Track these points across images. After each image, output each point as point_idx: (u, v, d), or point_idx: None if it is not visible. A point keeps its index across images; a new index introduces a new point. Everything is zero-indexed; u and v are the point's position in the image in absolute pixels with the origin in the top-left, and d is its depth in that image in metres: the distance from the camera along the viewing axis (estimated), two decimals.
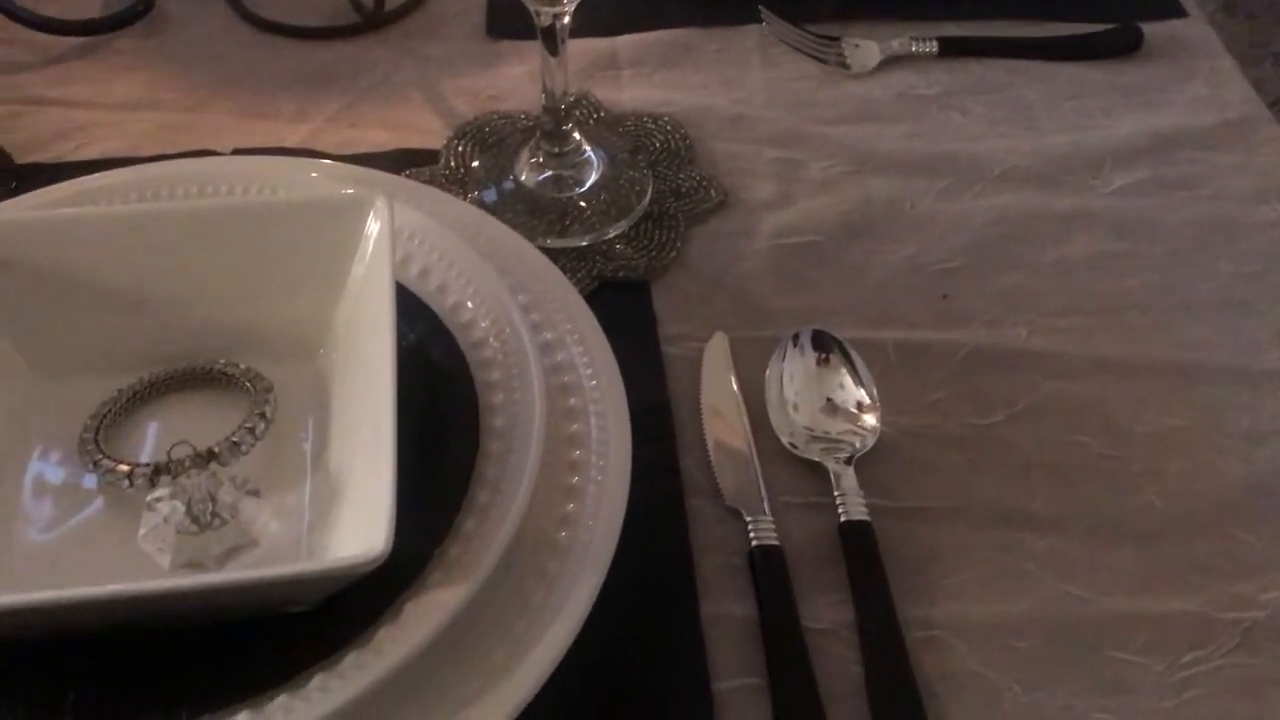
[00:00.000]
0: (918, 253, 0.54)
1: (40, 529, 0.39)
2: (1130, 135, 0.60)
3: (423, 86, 0.63)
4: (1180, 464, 0.46)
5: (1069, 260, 0.54)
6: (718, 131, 0.60)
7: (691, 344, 0.50)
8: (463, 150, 0.59)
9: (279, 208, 0.43)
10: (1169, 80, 0.63)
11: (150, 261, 0.42)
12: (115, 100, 0.61)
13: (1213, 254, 0.54)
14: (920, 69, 0.64)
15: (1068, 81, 0.63)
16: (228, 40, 0.65)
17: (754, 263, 0.54)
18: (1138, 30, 0.64)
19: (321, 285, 0.43)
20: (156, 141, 0.59)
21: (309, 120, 0.61)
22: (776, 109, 0.62)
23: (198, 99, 0.62)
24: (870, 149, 0.59)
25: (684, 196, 0.57)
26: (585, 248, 0.54)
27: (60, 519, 0.39)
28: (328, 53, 0.65)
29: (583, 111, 0.61)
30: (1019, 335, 0.51)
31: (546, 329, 0.46)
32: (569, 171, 0.56)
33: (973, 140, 0.60)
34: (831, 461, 0.45)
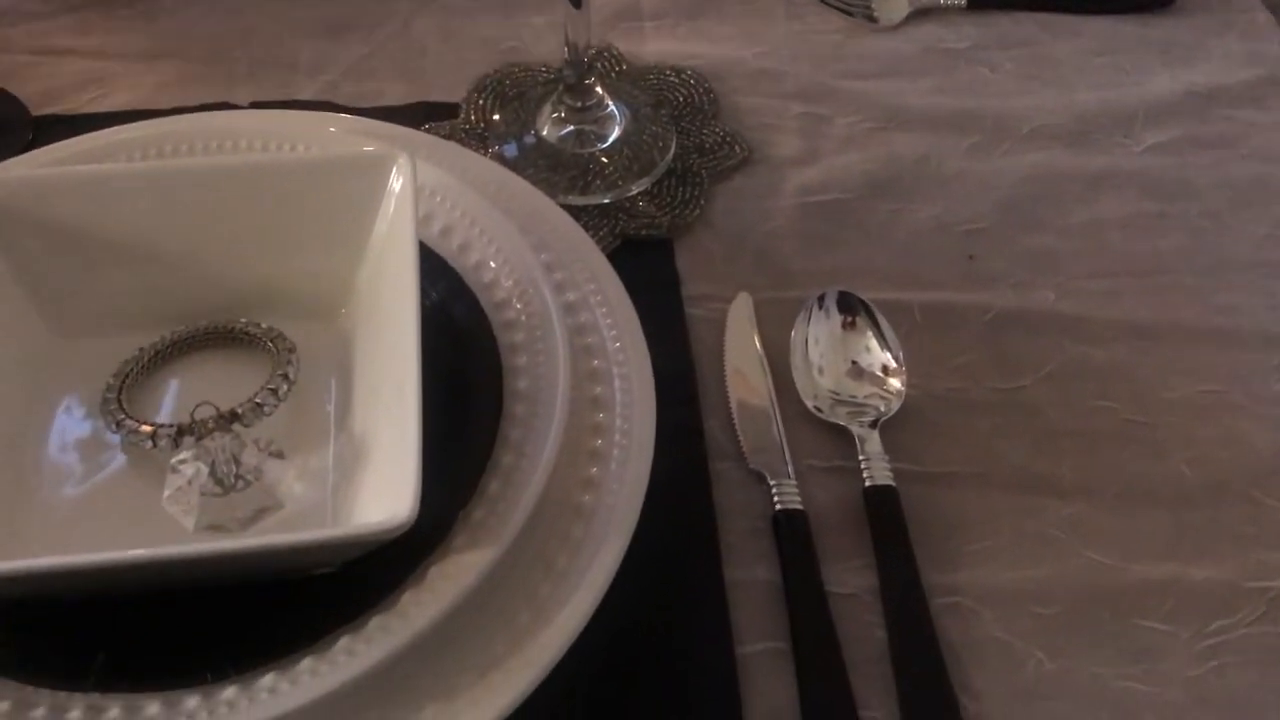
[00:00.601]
0: (944, 212, 0.54)
1: (64, 489, 0.39)
2: (1163, 92, 0.59)
3: (442, 37, 0.62)
4: (1209, 430, 0.46)
5: (1099, 221, 0.53)
6: (742, 86, 0.59)
7: (715, 304, 0.50)
8: (483, 104, 0.58)
9: (300, 165, 0.43)
10: (1203, 35, 0.62)
11: (171, 219, 0.42)
12: (132, 50, 0.61)
13: (1246, 215, 0.53)
14: (949, 22, 0.62)
15: (1099, 36, 0.62)
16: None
17: (779, 221, 0.53)
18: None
19: (343, 243, 0.43)
20: (173, 93, 0.58)
21: (327, 72, 0.60)
22: (802, 63, 0.61)
23: (215, 49, 0.61)
24: (897, 105, 0.58)
25: (708, 153, 0.56)
26: (608, 205, 0.53)
27: (84, 478, 0.39)
28: (346, 2, 0.64)
29: (605, 64, 0.60)
30: (1047, 298, 0.50)
31: (570, 289, 0.46)
32: (591, 126, 0.56)
33: (1001, 97, 0.59)
34: (856, 425, 0.44)
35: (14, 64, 0.60)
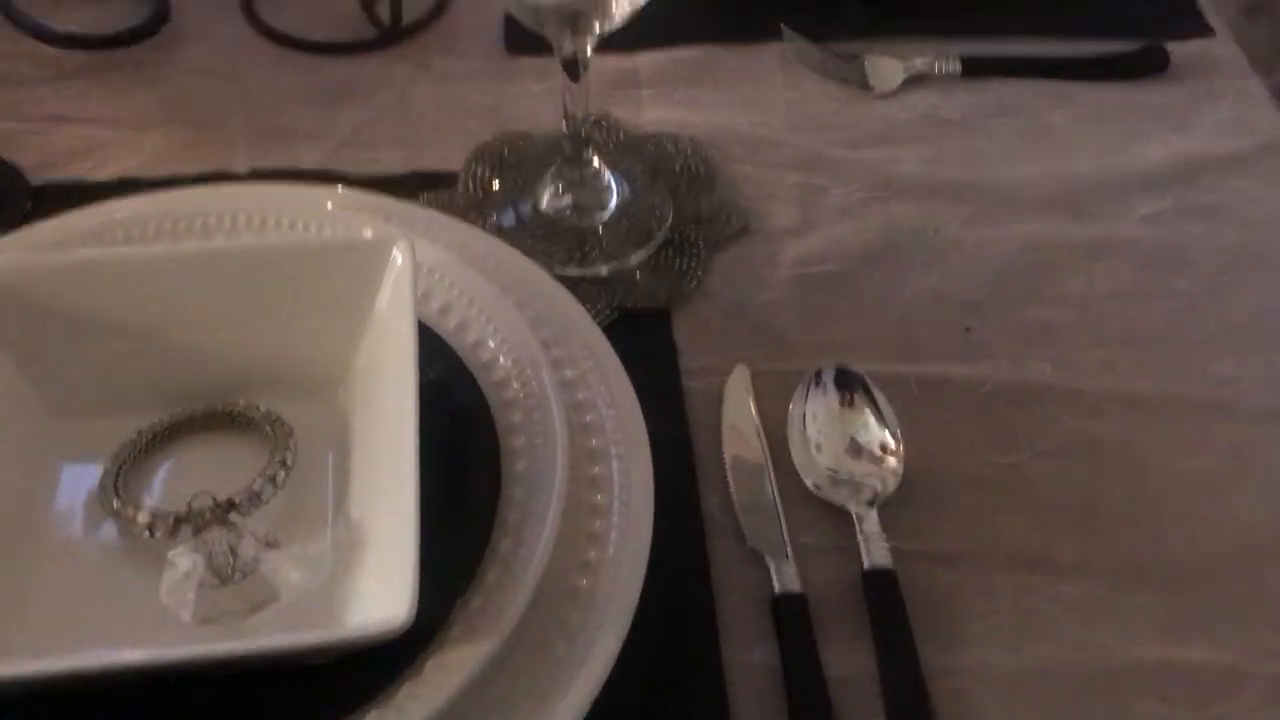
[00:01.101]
0: (941, 283, 0.54)
1: (60, 576, 0.38)
2: (1156, 160, 0.59)
3: (441, 104, 0.62)
4: (1208, 507, 0.46)
5: (1094, 292, 0.53)
6: (739, 154, 0.60)
7: (713, 377, 0.50)
8: (481, 173, 0.58)
9: (299, 249, 0.43)
10: (1195, 102, 0.62)
11: (169, 303, 0.42)
12: (131, 116, 0.61)
13: (1241, 285, 0.54)
14: (943, 89, 0.63)
15: (1093, 103, 0.62)
16: (244, 55, 0.65)
17: (776, 292, 0.53)
18: (1164, 52, 0.63)
19: (343, 325, 0.43)
20: (172, 160, 0.59)
21: (326, 139, 0.60)
22: (798, 131, 0.61)
23: (214, 115, 0.61)
24: (893, 174, 0.58)
25: (705, 223, 0.56)
26: (605, 276, 0.53)
27: (80, 566, 0.39)
28: (345, 68, 0.64)
29: (603, 133, 0.60)
30: (1044, 370, 0.50)
31: (568, 366, 0.46)
32: (589, 197, 0.56)
33: (997, 165, 0.59)
34: (854, 504, 0.44)
35: (13, 131, 0.60)
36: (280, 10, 0.67)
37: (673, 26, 0.65)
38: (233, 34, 0.66)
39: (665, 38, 0.65)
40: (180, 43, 0.65)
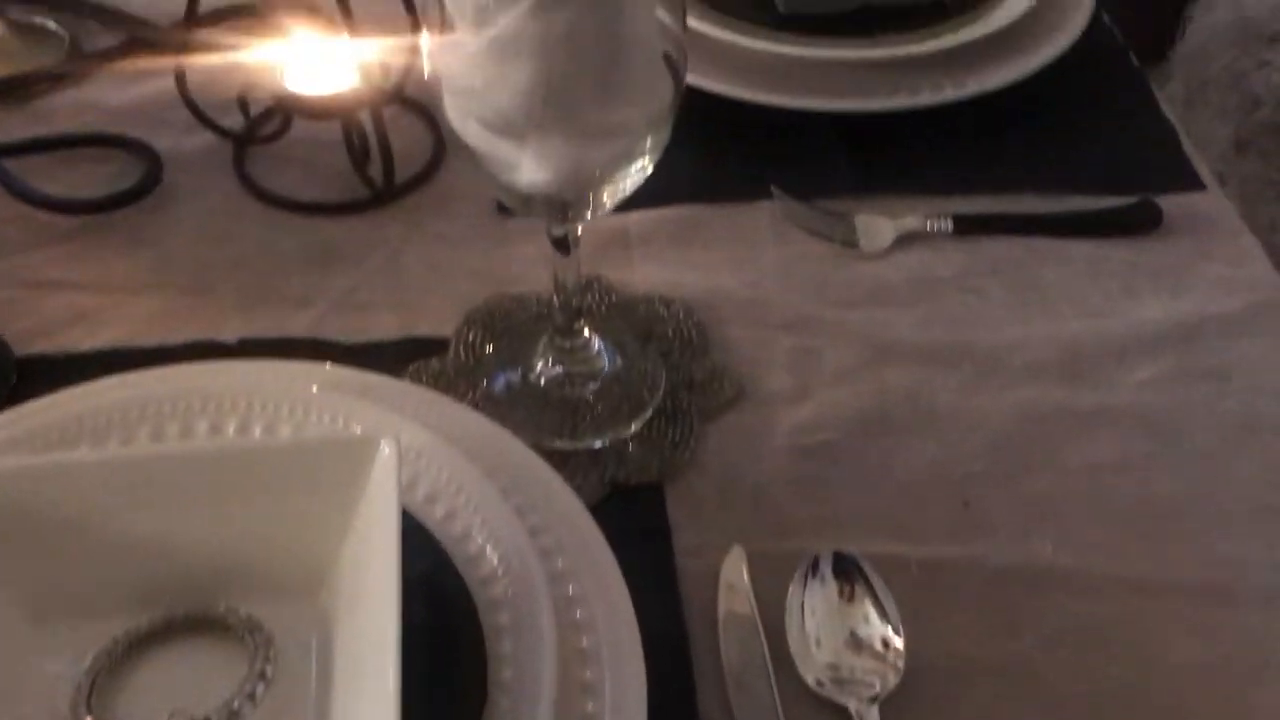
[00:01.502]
0: (938, 454, 0.53)
1: None
2: (1153, 321, 0.59)
3: (432, 266, 0.62)
4: (1214, 699, 0.44)
5: (1095, 463, 0.52)
6: (731, 316, 0.59)
7: (708, 556, 0.49)
8: (473, 339, 0.57)
9: (284, 449, 0.42)
10: (1190, 259, 0.62)
11: (151, 505, 0.41)
12: (119, 282, 0.61)
13: (1242, 456, 0.53)
14: (936, 248, 0.63)
15: (1086, 260, 0.62)
16: (235, 215, 0.65)
17: (771, 464, 0.53)
18: (1156, 208, 0.63)
19: (327, 525, 0.42)
20: (161, 327, 0.58)
21: (315, 304, 0.60)
22: (790, 291, 0.61)
23: (203, 280, 0.61)
24: (887, 337, 0.58)
25: (697, 390, 0.55)
26: (598, 449, 0.53)
27: None
28: (336, 229, 0.64)
29: (594, 296, 0.60)
30: (1045, 551, 0.49)
31: (557, 554, 0.45)
32: (580, 366, 0.55)
33: (991, 327, 0.59)
34: (855, 702, 0.43)
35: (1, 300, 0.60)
36: (272, 169, 0.67)
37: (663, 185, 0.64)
38: (224, 193, 0.66)
39: (656, 197, 0.64)
40: (172, 202, 0.65)
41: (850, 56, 0.68)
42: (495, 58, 0.40)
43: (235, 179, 0.66)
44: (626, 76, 0.42)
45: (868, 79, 0.67)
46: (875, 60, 0.68)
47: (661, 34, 0.43)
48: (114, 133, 0.67)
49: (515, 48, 0.40)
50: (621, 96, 0.42)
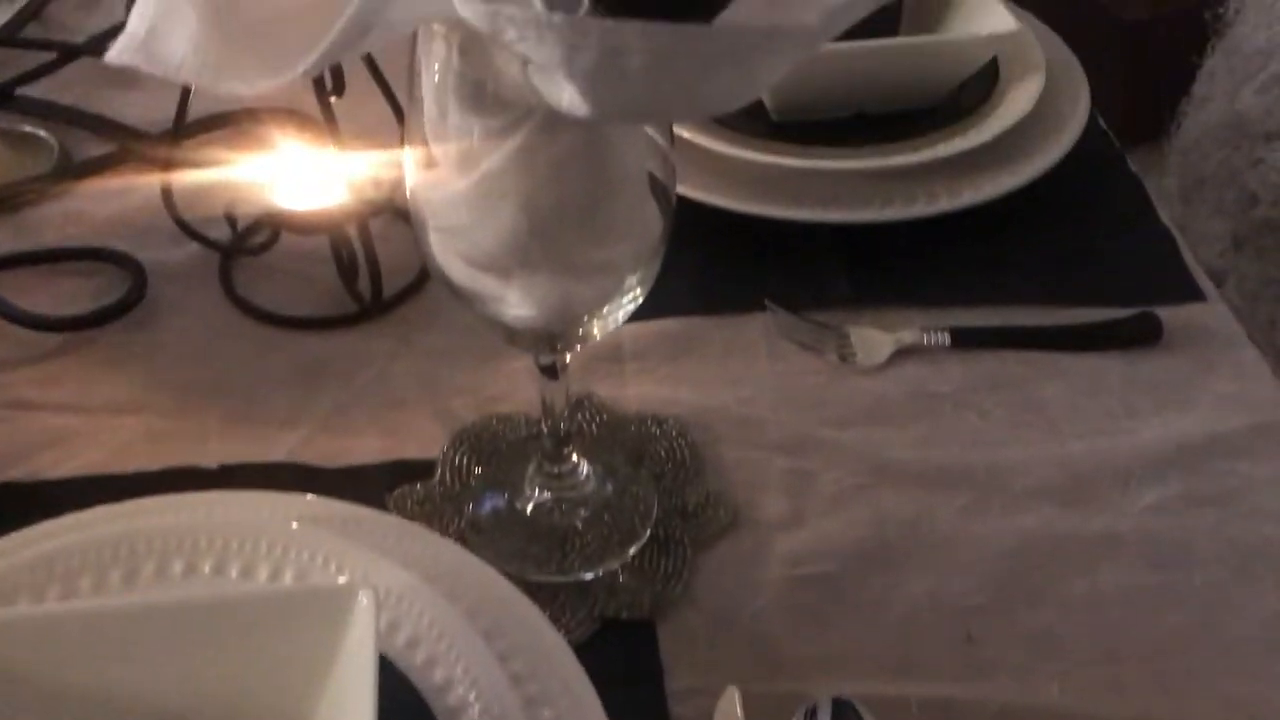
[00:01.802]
0: (939, 585, 0.51)
1: None
2: (1156, 441, 0.57)
3: (420, 383, 0.61)
4: None
5: (1100, 594, 0.51)
6: (725, 435, 0.58)
7: (701, 699, 0.47)
8: (459, 462, 0.56)
9: (259, 600, 0.41)
10: (1192, 374, 0.61)
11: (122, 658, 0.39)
12: (100, 403, 0.59)
13: (1252, 586, 0.51)
14: (933, 362, 0.62)
15: (1086, 376, 0.61)
16: (220, 331, 0.64)
17: (766, 597, 0.51)
18: (1156, 320, 0.62)
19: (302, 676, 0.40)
20: (140, 452, 0.57)
21: (300, 425, 0.58)
22: (785, 409, 0.59)
23: (186, 401, 0.60)
24: (884, 458, 0.57)
25: (690, 517, 0.54)
26: (587, 580, 0.51)
27: None
28: (323, 344, 0.63)
29: (585, 415, 0.58)
30: (1050, 691, 0.47)
31: (543, 704, 0.43)
32: (570, 493, 0.54)
33: (991, 447, 0.57)
34: None
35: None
36: (259, 282, 0.66)
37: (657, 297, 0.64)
38: (210, 308, 0.65)
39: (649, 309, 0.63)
40: (156, 317, 0.64)
41: (844, 166, 0.67)
42: (480, 197, 0.39)
43: (221, 292, 0.65)
44: (615, 214, 0.41)
45: (862, 189, 0.67)
46: (869, 170, 0.67)
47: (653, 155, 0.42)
48: (99, 246, 0.67)
49: (500, 187, 0.39)
50: (610, 234, 0.41)
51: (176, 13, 0.34)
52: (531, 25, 0.31)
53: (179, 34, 0.34)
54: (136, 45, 0.34)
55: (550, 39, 0.31)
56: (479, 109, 0.38)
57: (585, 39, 0.31)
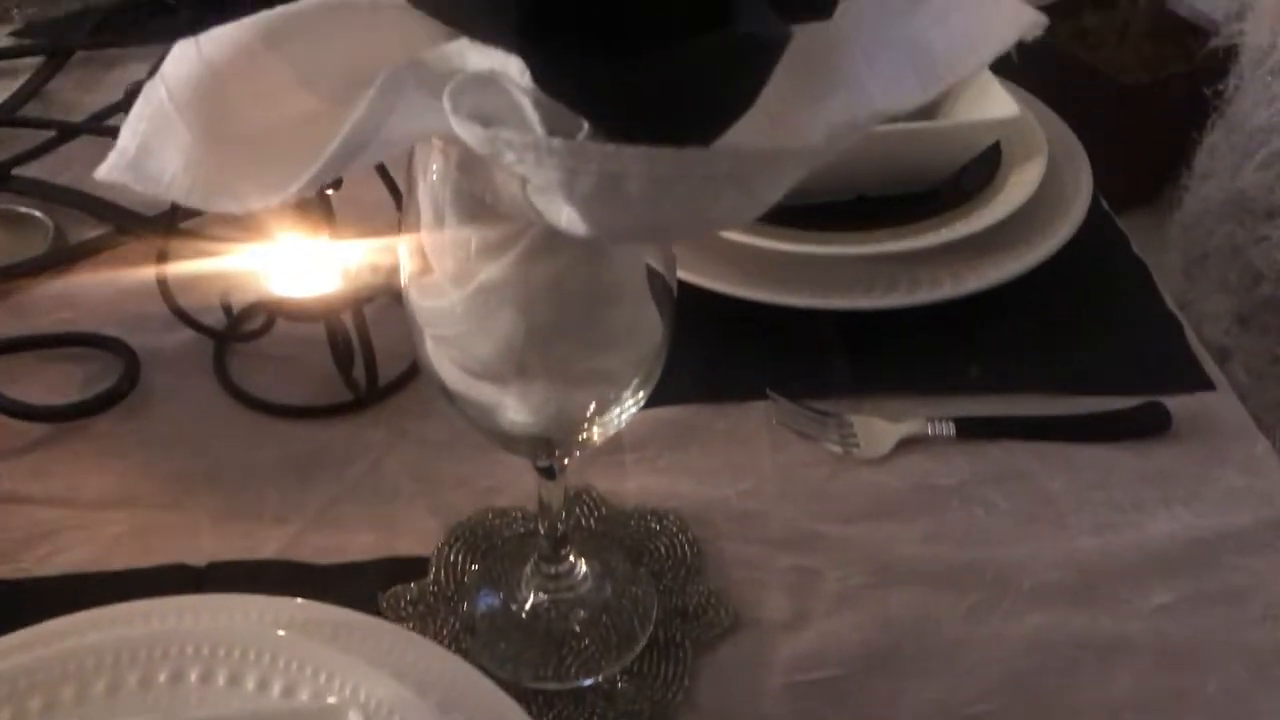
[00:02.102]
0: (947, 692, 0.50)
1: None
2: (1166, 537, 0.56)
3: (415, 474, 0.60)
4: None
5: (1113, 701, 0.49)
6: (727, 530, 0.57)
7: None
8: (454, 560, 0.55)
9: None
10: (1201, 467, 0.60)
11: None
12: (89, 496, 0.58)
13: (1272, 691, 0.50)
14: (938, 453, 0.61)
15: (1094, 468, 0.60)
16: (213, 420, 0.63)
17: (769, 704, 0.49)
18: (1165, 411, 0.61)
19: None
20: (129, 548, 0.55)
21: (292, 520, 0.57)
22: (788, 502, 0.58)
23: (177, 494, 0.58)
24: (890, 555, 0.55)
25: (691, 618, 0.52)
26: (585, 687, 0.50)
27: None
28: (317, 434, 0.62)
29: (583, 510, 0.57)
30: None
31: None
32: (567, 594, 0.52)
33: (999, 543, 0.56)
34: None
35: None
36: (254, 368, 0.65)
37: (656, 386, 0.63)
38: (204, 396, 0.64)
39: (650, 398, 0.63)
40: (148, 406, 0.63)
41: (845, 252, 0.66)
42: (476, 307, 0.38)
43: (215, 379, 0.65)
44: (615, 322, 0.40)
45: (863, 275, 0.66)
46: (871, 255, 0.67)
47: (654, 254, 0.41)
48: (92, 332, 0.66)
49: (498, 298, 0.38)
50: (610, 342, 0.40)
51: (169, 129, 0.33)
52: (530, 149, 0.30)
53: (171, 151, 0.33)
54: (126, 163, 0.34)
55: (549, 163, 0.31)
56: (476, 221, 0.37)
57: (585, 163, 0.30)
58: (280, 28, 0.35)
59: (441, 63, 0.36)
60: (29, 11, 0.94)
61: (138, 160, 0.34)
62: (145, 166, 0.34)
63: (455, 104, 0.32)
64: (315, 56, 0.35)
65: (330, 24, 0.36)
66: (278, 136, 0.35)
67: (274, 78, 0.35)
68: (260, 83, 0.35)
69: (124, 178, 0.34)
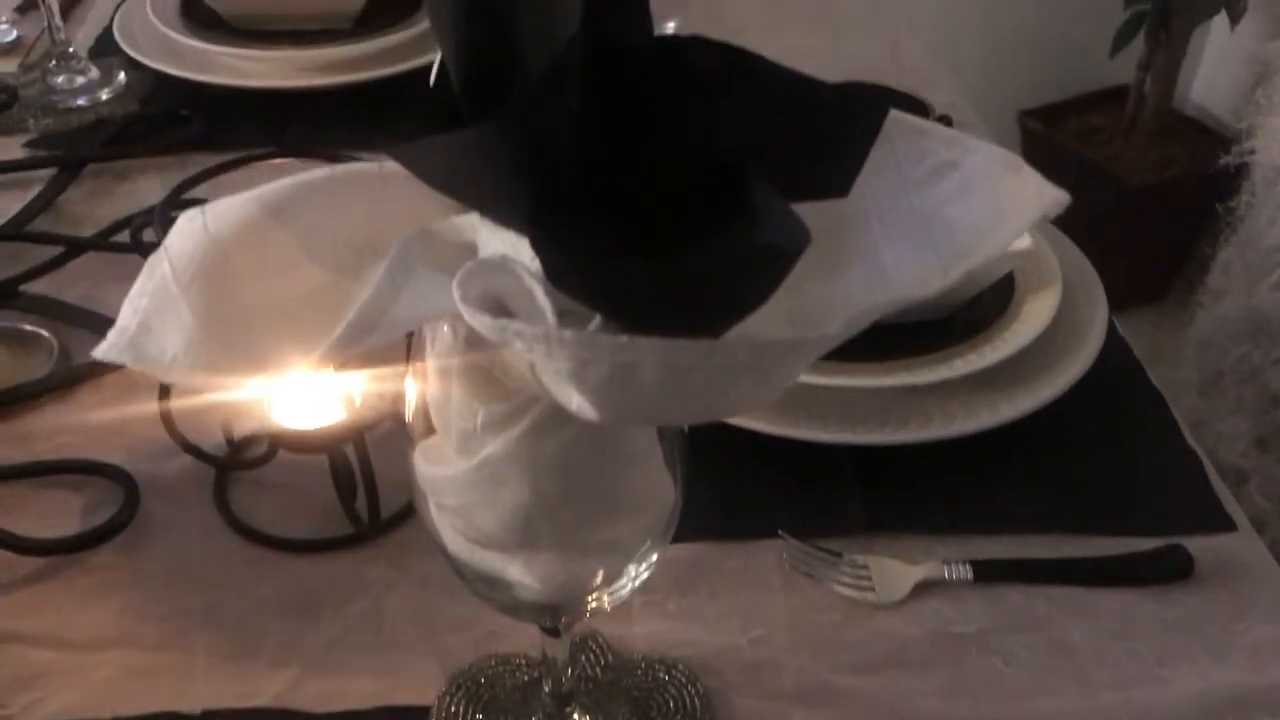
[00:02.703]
0: None
1: None
2: (1191, 694, 0.54)
3: (416, 616, 0.58)
4: None
5: None
6: (737, 682, 0.55)
7: None
8: (455, 710, 0.53)
9: None
10: (1226, 616, 0.58)
11: None
12: (81, 636, 0.57)
13: None
14: (955, 598, 0.59)
15: (1115, 615, 0.58)
16: (212, 553, 0.61)
17: None
18: (1187, 555, 0.60)
19: None
20: (121, 692, 0.54)
21: (290, 663, 0.55)
22: (801, 651, 0.56)
23: (172, 633, 0.57)
24: (908, 710, 0.54)
25: None
26: None
27: None
28: (318, 569, 0.60)
29: (589, 656, 0.56)
30: None
31: None
32: None
33: (1019, 698, 0.54)
34: None
35: None
36: (255, 497, 0.64)
37: None
38: (203, 527, 0.62)
39: None
40: (146, 537, 0.62)
41: (857, 384, 0.65)
42: (483, 481, 0.37)
43: (215, 510, 0.63)
44: (626, 493, 0.39)
45: (875, 408, 0.65)
46: (882, 389, 0.65)
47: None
48: (92, 460, 0.65)
49: (504, 472, 0.37)
50: (620, 513, 0.39)
51: (171, 307, 0.33)
52: (541, 341, 0.30)
53: (172, 329, 0.33)
54: (126, 342, 0.33)
55: (560, 354, 0.30)
56: (483, 393, 0.36)
57: (597, 355, 0.30)
58: (286, 200, 0.35)
59: (453, 234, 0.35)
60: (44, 122, 0.95)
61: (138, 339, 0.33)
62: (145, 346, 0.33)
63: (464, 292, 0.31)
64: (322, 228, 0.35)
65: (337, 195, 0.35)
66: (283, 312, 0.34)
67: (280, 251, 0.34)
68: (265, 256, 0.34)
69: (123, 358, 0.33)
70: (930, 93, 0.96)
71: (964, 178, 0.36)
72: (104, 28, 1.07)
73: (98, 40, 1.07)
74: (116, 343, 0.33)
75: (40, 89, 0.99)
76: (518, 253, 0.32)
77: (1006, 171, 0.36)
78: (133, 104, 0.98)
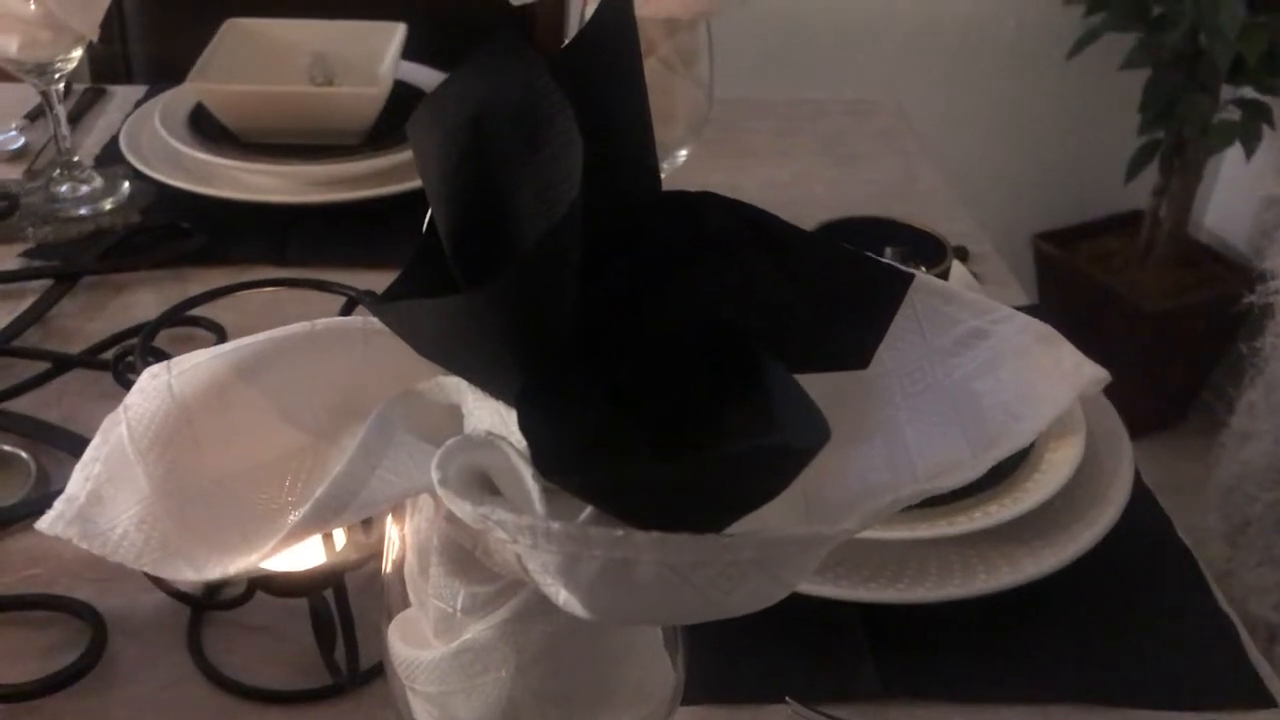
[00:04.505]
0: None
1: None
2: None
3: None
4: None
5: None
6: None
7: None
8: None
9: None
10: None
11: None
12: None
13: None
14: None
15: None
16: (182, 703, 0.57)
17: None
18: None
19: None
20: None
21: None
22: None
23: None
24: None
25: None
26: None
27: None
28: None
29: None
30: None
31: None
32: None
33: None
34: None
35: None
36: (230, 640, 0.60)
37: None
38: (173, 672, 0.59)
39: None
40: (112, 683, 0.58)
41: (869, 537, 0.62)
42: (463, 668, 0.34)
43: (188, 653, 0.60)
44: (620, 682, 0.35)
45: (889, 563, 0.61)
46: (897, 541, 0.62)
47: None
48: (59, 595, 0.61)
49: (486, 660, 0.33)
50: (613, 706, 0.36)
51: (126, 475, 0.30)
52: (526, 532, 0.27)
53: (124, 502, 0.30)
54: (74, 513, 0.30)
55: (548, 547, 0.27)
56: (464, 574, 0.33)
57: (589, 549, 0.27)
58: (259, 360, 0.32)
59: (439, 395, 0.32)
60: (43, 231, 0.93)
61: (86, 510, 0.30)
62: (95, 519, 0.30)
63: (444, 474, 0.28)
64: (297, 389, 0.32)
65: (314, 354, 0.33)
66: (248, 480, 0.31)
67: (249, 413, 0.32)
68: (234, 420, 0.31)
69: (68, 532, 0.30)
70: (945, 220, 0.95)
71: (993, 349, 0.33)
72: (112, 136, 1.06)
73: (105, 149, 1.06)
74: (64, 513, 0.30)
75: (43, 197, 0.97)
76: (506, 424, 0.29)
77: (1039, 344, 0.33)
78: (134, 215, 0.96)
